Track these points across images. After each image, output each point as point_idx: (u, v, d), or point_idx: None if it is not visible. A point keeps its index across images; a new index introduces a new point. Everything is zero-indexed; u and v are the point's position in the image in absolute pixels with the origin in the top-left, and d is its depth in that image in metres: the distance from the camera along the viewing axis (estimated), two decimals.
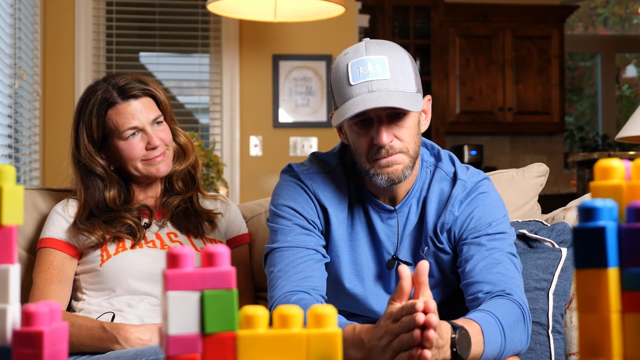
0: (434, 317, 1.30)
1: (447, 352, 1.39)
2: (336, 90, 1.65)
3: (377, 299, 1.76)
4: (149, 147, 1.95)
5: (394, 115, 1.62)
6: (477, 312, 1.54)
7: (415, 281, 1.33)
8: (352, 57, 1.62)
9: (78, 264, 1.98)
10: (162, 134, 1.98)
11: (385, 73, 1.60)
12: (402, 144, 1.63)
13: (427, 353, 1.31)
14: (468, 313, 1.56)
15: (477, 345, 1.45)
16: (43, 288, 1.92)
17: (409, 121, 1.63)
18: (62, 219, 1.98)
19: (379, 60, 1.60)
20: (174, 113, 2.07)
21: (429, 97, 1.73)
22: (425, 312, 1.30)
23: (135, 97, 1.95)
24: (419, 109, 1.60)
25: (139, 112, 1.95)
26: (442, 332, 1.35)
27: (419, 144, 1.68)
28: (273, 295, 1.66)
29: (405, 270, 1.34)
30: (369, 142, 1.63)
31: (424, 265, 1.32)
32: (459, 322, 1.46)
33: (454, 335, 1.40)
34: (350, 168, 1.79)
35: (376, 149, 1.62)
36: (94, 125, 1.95)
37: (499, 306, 1.56)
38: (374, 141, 1.62)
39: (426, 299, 1.33)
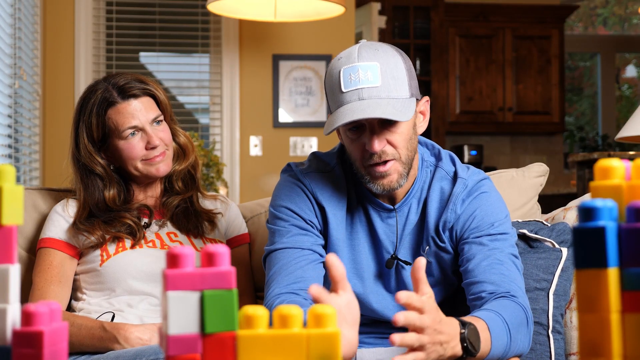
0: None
1: (457, 348, 1.38)
2: (330, 96, 1.65)
3: (377, 297, 1.76)
4: (149, 146, 1.95)
5: (386, 122, 1.61)
6: (483, 311, 1.54)
7: (413, 278, 1.33)
8: (345, 63, 1.62)
9: (78, 264, 1.97)
10: (162, 133, 1.97)
11: (377, 80, 1.59)
12: (395, 151, 1.63)
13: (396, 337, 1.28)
14: (473, 312, 1.56)
15: (485, 343, 1.45)
16: (43, 288, 1.91)
17: (401, 127, 1.63)
18: (61, 219, 1.98)
19: (370, 67, 1.60)
20: (174, 113, 2.07)
21: (427, 98, 1.73)
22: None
23: (135, 96, 1.95)
24: (409, 118, 1.59)
25: (138, 111, 1.95)
26: (442, 328, 1.35)
27: (412, 149, 1.68)
28: (265, 298, 1.68)
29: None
30: (362, 148, 1.63)
31: (421, 262, 1.31)
32: (466, 319, 1.46)
33: (463, 331, 1.40)
34: (349, 167, 1.79)
35: (369, 155, 1.63)
36: (94, 125, 1.95)
37: (504, 307, 1.56)
38: (366, 147, 1.62)
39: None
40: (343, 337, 1.33)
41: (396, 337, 1.25)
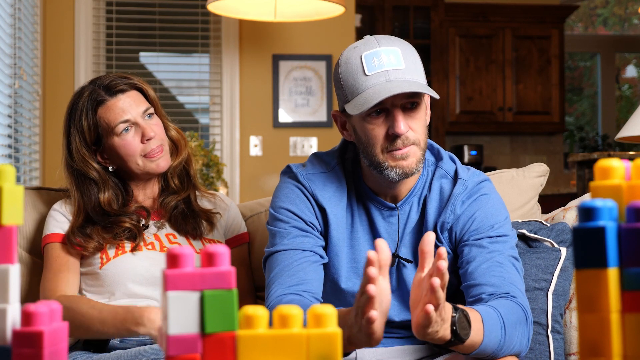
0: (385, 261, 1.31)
1: (447, 331, 1.40)
2: (349, 83, 1.65)
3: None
4: (144, 139, 1.94)
5: (408, 106, 1.63)
6: (479, 306, 1.56)
7: (420, 251, 1.34)
8: (365, 49, 1.64)
9: (80, 264, 1.97)
10: (155, 127, 1.97)
11: (400, 63, 1.62)
12: (416, 135, 1.65)
13: (430, 307, 1.30)
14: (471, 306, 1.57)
15: (476, 333, 1.46)
16: (53, 278, 1.90)
17: (420, 112, 1.66)
18: (61, 215, 1.98)
19: (392, 51, 1.63)
20: (168, 112, 2.07)
21: None
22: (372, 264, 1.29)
23: (123, 91, 1.96)
24: (438, 96, 1.63)
25: (128, 105, 1.95)
26: (445, 306, 1.37)
27: (427, 136, 1.71)
28: (267, 299, 1.68)
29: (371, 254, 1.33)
30: (385, 133, 1.64)
31: (431, 235, 1.33)
32: (460, 306, 1.47)
33: (454, 315, 1.41)
34: (350, 166, 1.80)
35: (392, 139, 1.64)
36: (86, 127, 1.95)
37: (502, 304, 1.58)
38: (389, 131, 1.63)
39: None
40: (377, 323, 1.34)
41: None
